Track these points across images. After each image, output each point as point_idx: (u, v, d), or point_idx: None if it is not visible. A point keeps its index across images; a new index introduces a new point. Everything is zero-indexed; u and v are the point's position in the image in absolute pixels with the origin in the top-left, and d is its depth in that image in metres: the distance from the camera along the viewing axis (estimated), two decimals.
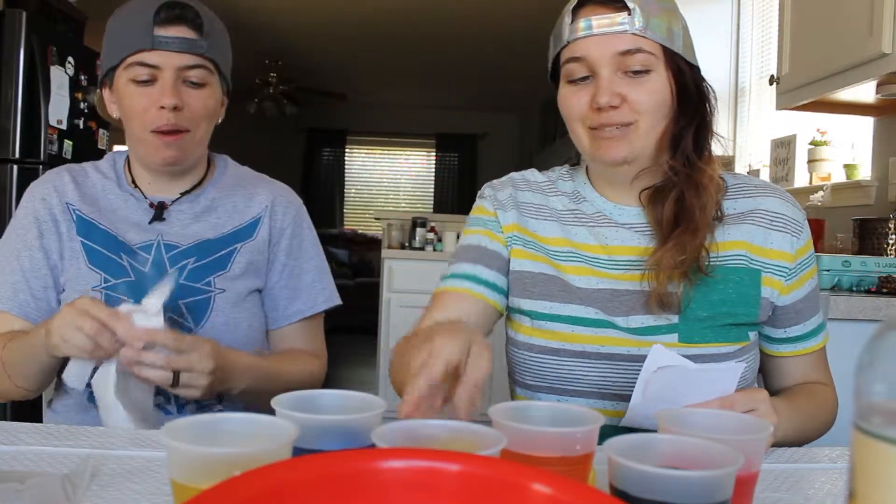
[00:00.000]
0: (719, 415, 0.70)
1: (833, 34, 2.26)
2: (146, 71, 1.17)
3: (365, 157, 9.53)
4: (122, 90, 1.20)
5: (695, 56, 1.06)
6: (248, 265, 1.27)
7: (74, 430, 0.91)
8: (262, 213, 1.31)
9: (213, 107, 1.24)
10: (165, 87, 1.17)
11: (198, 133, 1.22)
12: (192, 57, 1.18)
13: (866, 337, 0.41)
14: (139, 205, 1.27)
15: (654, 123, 1.02)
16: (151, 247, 1.23)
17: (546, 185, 1.15)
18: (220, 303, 1.22)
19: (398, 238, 4.31)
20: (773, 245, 1.04)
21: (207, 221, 1.27)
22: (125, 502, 0.69)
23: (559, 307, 1.05)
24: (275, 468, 0.44)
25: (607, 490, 0.57)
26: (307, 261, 1.34)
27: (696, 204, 1.01)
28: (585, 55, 1.01)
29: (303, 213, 1.38)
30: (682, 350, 0.99)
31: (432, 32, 6.17)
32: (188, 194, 1.28)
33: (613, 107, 0.99)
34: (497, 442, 0.56)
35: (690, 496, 0.53)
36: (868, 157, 2.72)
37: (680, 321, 1.01)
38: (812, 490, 0.79)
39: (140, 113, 1.18)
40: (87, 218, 1.24)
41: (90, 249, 1.22)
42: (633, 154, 1.02)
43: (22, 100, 3.03)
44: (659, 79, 1.01)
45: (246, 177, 1.36)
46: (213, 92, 1.23)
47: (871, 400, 0.40)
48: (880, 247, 2.27)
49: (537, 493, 0.44)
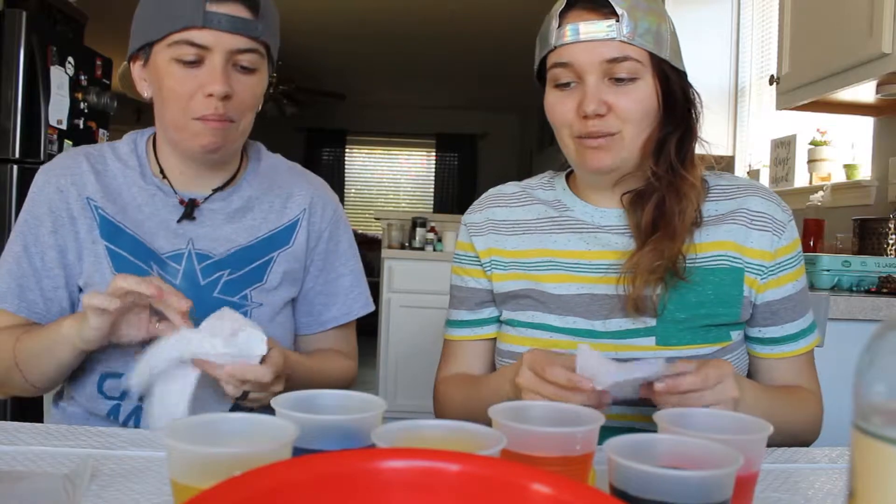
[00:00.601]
0: (719, 415, 0.70)
1: (833, 34, 2.26)
2: (194, 51, 1.05)
3: (365, 157, 9.53)
4: (162, 69, 1.07)
5: (681, 60, 1.06)
6: (286, 275, 1.18)
7: (74, 430, 0.91)
8: (299, 216, 1.21)
9: (260, 94, 1.14)
10: (215, 73, 1.05)
11: (242, 123, 1.12)
12: (246, 40, 1.07)
13: (866, 337, 0.41)
14: (167, 200, 1.15)
15: (640, 132, 1.01)
16: (182, 256, 1.13)
17: (520, 195, 1.16)
18: (257, 318, 1.13)
19: (398, 238, 4.31)
20: (752, 244, 1.04)
21: (241, 223, 1.17)
22: (125, 502, 0.69)
23: (540, 316, 1.07)
24: (275, 468, 0.44)
25: (607, 490, 0.57)
26: (344, 264, 1.26)
27: (676, 210, 1.01)
28: (572, 61, 1.00)
29: (340, 213, 1.28)
30: (660, 353, 1.01)
31: (432, 32, 6.17)
32: (221, 191, 1.18)
33: (599, 115, 0.99)
34: (497, 442, 0.56)
35: (690, 496, 0.53)
36: (868, 157, 2.72)
37: (657, 324, 1.01)
38: (812, 490, 0.79)
39: (184, 98, 1.07)
40: (111, 219, 1.13)
41: (115, 255, 1.11)
42: (617, 163, 1.02)
43: (22, 100, 3.03)
44: (645, 86, 1.00)
45: (280, 169, 1.25)
46: (262, 78, 1.13)
47: (871, 400, 0.40)
48: (880, 247, 2.27)
49: (537, 493, 0.44)
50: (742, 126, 3.66)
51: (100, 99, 3.46)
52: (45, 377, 1.08)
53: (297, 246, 1.20)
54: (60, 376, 1.09)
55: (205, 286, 1.12)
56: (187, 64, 1.06)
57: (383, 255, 4.15)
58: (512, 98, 8.20)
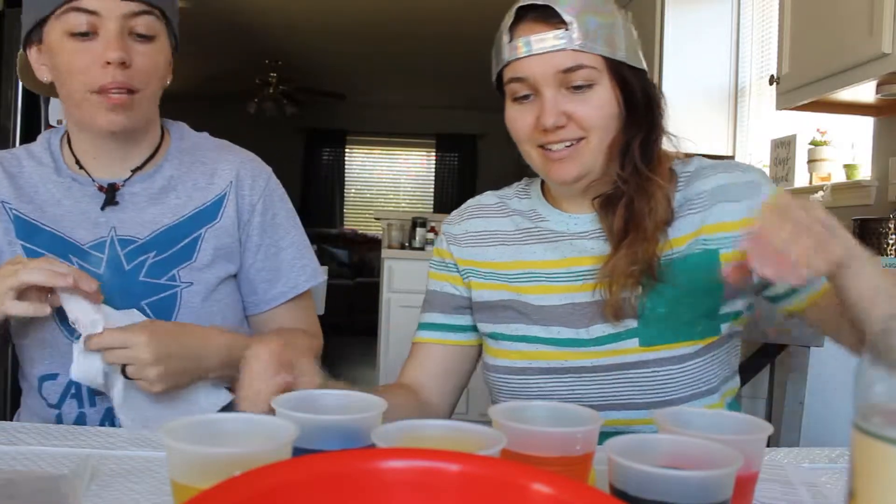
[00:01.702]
0: (719, 415, 0.70)
1: (833, 34, 2.26)
2: (84, 19, 1.02)
3: (365, 158, 9.52)
4: (55, 45, 1.05)
5: (639, 59, 1.03)
6: (217, 251, 1.14)
7: (74, 430, 0.91)
8: (226, 189, 1.17)
9: (163, 64, 1.10)
10: (110, 39, 1.02)
11: (147, 92, 1.08)
12: (138, 3, 1.04)
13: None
14: (84, 190, 1.13)
15: (603, 137, 1.00)
16: (105, 244, 1.10)
17: (498, 206, 1.15)
18: (188, 298, 1.11)
19: (398, 238, 4.31)
20: (726, 217, 1.01)
21: (166, 203, 1.14)
22: (125, 502, 0.69)
23: (523, 328, 1.06)
24: (275, 468, 0.44)
25: (607, 490, 0.57)
26: (283, 237, 1.21)
27: (646, 210, 1.00)
28: (526, 75, 0.99)
29: (273, 184, 1.23)
30: (644, 355, 1.00)
31: (432, 32, 6.16)
32: (141, 171, 1.14)
33: (559, 126, 0.98)
34: (497, 442, 0.56)
35: (690, 496, 0.53)
36: (868, 157, 2.72)
37: (639, 325, 1.00)
38: (812, 490, 0.79)
39: (81, 71, 1.03)
40: (26, 218, 1.11)
41: (33, 254, 1.09)
42: (583, 171, 1.01)
43: (22, 100, 3.03)
44: (604, 92, 0.99)
45: (205, 147, 1.21)
46: (162, 46, 1.09)
47: (871, 400, 0.40)
48: (880, 247, 2.27)
49: (537, 493, 0.44)
50: (742, 126, 3.66)
51: None
52: None
53: (227, 220, 1.16)
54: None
55: (129, 271, 1.10)
56: (80, 36, 1.03)
57: (383, 255, 4.15)
58: None
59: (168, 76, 1.14)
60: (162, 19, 1.08)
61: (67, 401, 1.09)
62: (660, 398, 1.00)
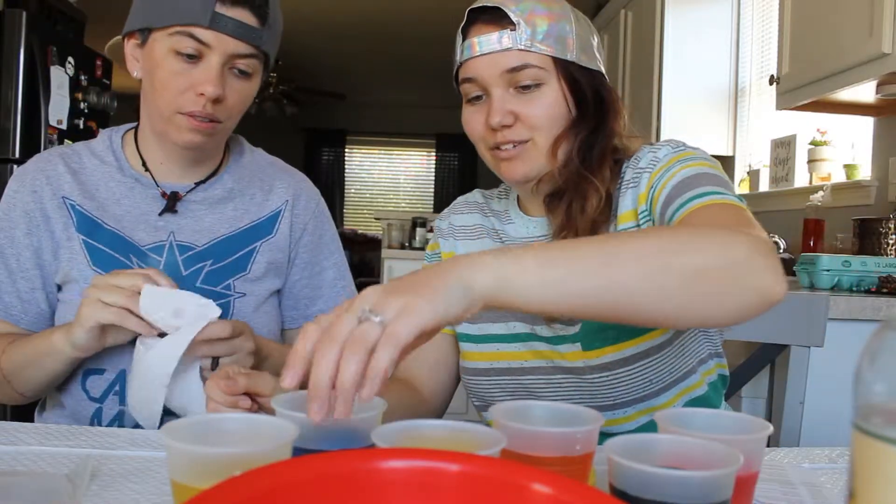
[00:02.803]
0: (719, 415, 0.70)
1: (833, 34, 2.26)
2: (194, 45, 1.04)
3: (365, 157, 9.52)
4: (158, 57, 1.06)
5: (594, 59, 1.03)
6: (269, 265, 1.18)
7: (74, 430, 0.91)
8: (282, 207, 1.21)
9: (251, 99, 1.14)
10: (211, 73, 1.04)
11: (229, 125, 1.12)
12: (248, 46, 1.06)
13: (866, 337, 0.41)
14: (146, 192, 1.15)
15: (550, 137, 0.99)
16: (163, 248, 1.13)
17: (481, 204, 1.17)
18: (241, 307, 1.14)
19: (398, 238, 4.31)
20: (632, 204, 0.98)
21: (223, 213, 1.17)
22: (125, 502, 0.69)
23: (486, 326, 1.06)
24: (275, 468, 0.44)
25: (607, 490, 0.57)
26: (328, 257, 1.26)
27: (579, 214, 0.98)
28: (475, 76, 1.00)
29: (322, 207, 1.29)
30: (588, 361, 0.97)
31: (432, 32, 6.16)
32: (203, 184, 1.18)
33: (506, 125, 0.98)
34: (497, 442, 0.56)
35: (690, 496, 0.53)
36: (868, 157, 2.72)
37: (580, 329, 0.98)
38: (812, 490, 0.79)
39: (176, 92, 1.06)
40: (89, 215, 1.13)
41: (93, 249, 1.11)
42: (532, 171, 1.00)
43: (22, 100, 3.03)
44: (552, 92, 0.99)
45: (261, 163, 1.26)
46: (256, 83, 1.13)
47: (871, 400, 0.40)
48: (880, 247, 2.27)
49: (537, 493, 0.44)
50: (742, 126, 3.66)
51: (100, 99, 3.46)
52: (33, 387, 1.08)
53: (280, 236, 1.20)
54: (51, 385, 1.10)
55: (187, 277, 1.12)
56: (185, 58, 1.04)
57: (383, 255, 4.15)
58: None
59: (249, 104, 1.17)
60: (263, 62, 1.11)
61: (111, 396, 1.10)
62: (613, 401, 0.98)
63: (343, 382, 0.56)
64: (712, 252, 0.70)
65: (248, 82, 1.10)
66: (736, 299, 0.70)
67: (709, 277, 0.69)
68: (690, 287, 0.68)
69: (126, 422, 1.10)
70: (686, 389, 1.02)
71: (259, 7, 1.06)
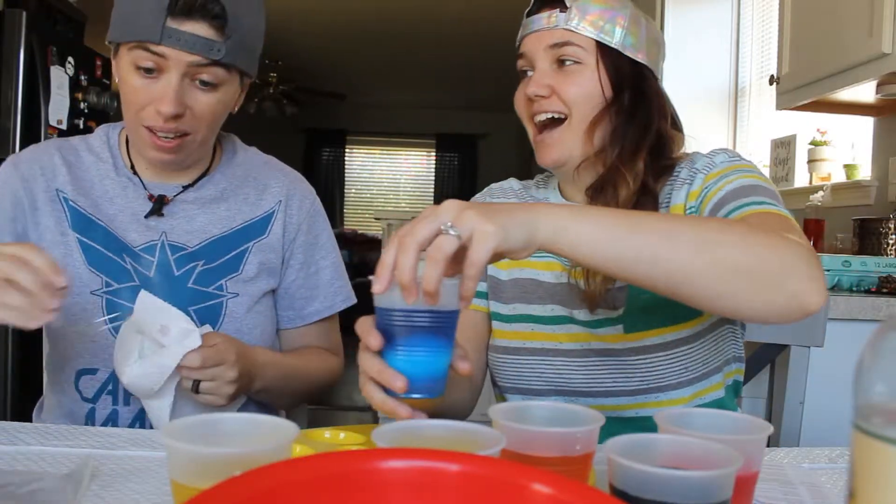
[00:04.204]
0: (719, 415, 0.70)
1: (833, 34, 2.26)
2: (151, 59, 1.02)
3: (365, 157, 9.52)
4: (123, 72, 1.06)
5: (652, 60, 1.06)
6: (261, 265, 1.17)
7: (74, 430, 0.91)
8: (275, 207, 1.20)
9: (223, 108, 1.11)
10: (168, 89, 1.02)
11: (199, 136, 1.09)
12: (205, 57, 1.03)
13: (866, 337, 0.41)
14: (138, 192, 1.15)
15: (584, 117, 1.03)
16: (155, 248, 1.12)
17: (519, 191, 1.18)
18: (233, 308, 1.14)
19: None
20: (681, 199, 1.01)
21: (215, 213, 1.16)
22: (125, 502, 0.69)
23: (522, 307, 1.08)
24: (275, 468, 0.44)
25: (607, 490, 0.57)
26: (324, 257, 1.25)
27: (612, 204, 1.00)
28: (525, 51, 1.07)
29: (317, 206, 1.27)
30: (628, 343, 1.00)
31: (432, 32, 6.16)
32: (191, 187, 1.17)
33: (542, 96, 1.03)
34: (497, 442, 0.56)
35: (690, 496, 0.53)
36: (868, 157, 2.72)
37: (624, 311, 1.01)
38: (812, 490, 0.79)
39: (136, 107, 1.05)
40: (83, 212, 1.12)
41: (88, 247, 1.11)
42: (566, 155, 1.04)
43: (22, 100, 3.03)
44: (588, 72, 1.03)
45: (255, 162, 1.24)
46: (226, 91, 1.09)
47: (871, 400, 0.40)
48: (880, 247, 2.27)
49: (537, 493, 0.44)
50: (742, 126, 3.66)
51: (100, 99, 3.46)
52: None
53: (273, 237, 1.19)
54: None
55: (179, 277, 1.12)
56: (144, 72, 1.03)
57: None
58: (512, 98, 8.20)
59: (236, 105, 1.15)
60: (232, 69, 1.07)
61: (103, 396, 1.10)
62: (647, 385, 1.01)
63: (428, 286, 0.65)
64: (763, 249, 0.74)
65: (214, 93, 1.07)
66: (774, 298, 0.74)
67: (755, 272, 0.73)
68: (736, 277, 0.73)
69: (120, 422, 1.10)
70: (709, 388, 1.04)
71: (216, 18, 1.01)
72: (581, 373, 1.03)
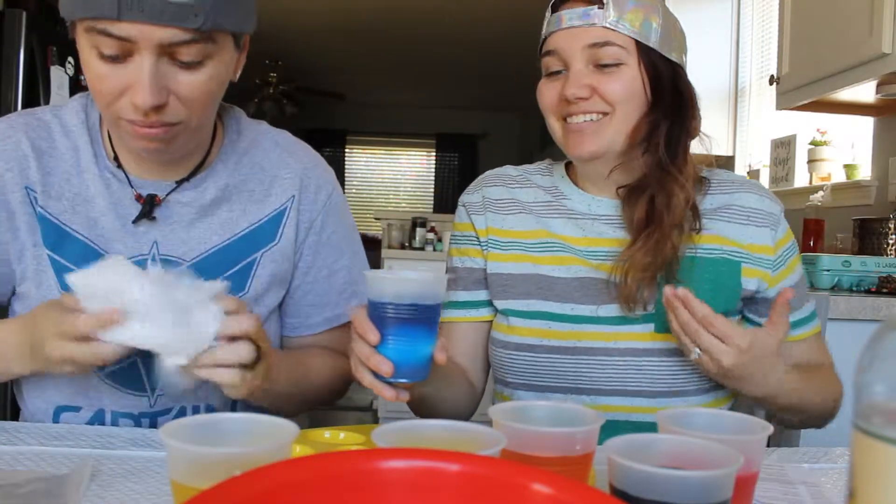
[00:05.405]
0: (719, 415, 0.70)
1: (833, 34, 2.26)
2: (115, 44, 0.80)
3: (365, 157, 9.52)
4: (84, 54, 0.84)
5: (681, 56, 1.05)
6: (273, 278, 1.00)
7: (74, 430, 0.91)
8: (286, 204, 1.01)
9: (218, 84, 0.89)
10: (141, 76, 0.80)
11: (193, 121, 0.89)
12: (183, 31, 0.80)
13: (866, 337, 0.41)
14: (123, 191, 0.95)
15: (627, 115, 1.01)
16: (145, 263, 0.93)
17: (519, 177, 1.15)
18: None
19: (398, 238, 4.31)
20: (752, 239, 1.04)
21: (216, 216, 0.98)
22: (125, 502, 0.69)
23: (537, 304, 1.05)
24: (275, 468, 0.44)
25: (607, 490, 0.57)
26: (337, 259, 1.06)
27: (665, 208, 1.00)
28: (557, 48, 1.01)
29: (335, 200, 1.06)
30: (657, 343, 1.00)
31: (432, 32, 6.16)
32: (188, 181, 0.97)
33: (582, 98, 1.00)
34: (497, 442, 0.56)
35: (690, 496, 0.53)
36: (868, 157, 2.72)
37: (656, 311, 1.00)
38: (812, 490, 0.79)
39: (108, 97, 0.84)
40: (55, 221, 0.93)
41: (61, 267, 0.92)
42: (603, 148, 1.01)
43: (22, 100, 3.03)
44: (630, 72, 1.00)
45: (264, 145, 1.03)
46: (218, 63, 0.87)
47: (871, 400, 0.40)
48: (880, 247, 2.27)
49: (537, 493, 0.44)
50: (742, 126, 3.66)
51: None
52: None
53: (285, 242, 1.01)
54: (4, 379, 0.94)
55: None
56: (108, 59, 0.82)
57: (383, 255, 4.15)
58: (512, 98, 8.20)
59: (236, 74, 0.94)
60: (220, 34, 0.85)
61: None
62: (667, 388, 1.01)
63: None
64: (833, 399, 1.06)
65: (202, 69, 0.85)
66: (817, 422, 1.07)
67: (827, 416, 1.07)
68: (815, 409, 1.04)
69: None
70: (725, 399, 1.07)
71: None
72: (600, 371, 1.02)
